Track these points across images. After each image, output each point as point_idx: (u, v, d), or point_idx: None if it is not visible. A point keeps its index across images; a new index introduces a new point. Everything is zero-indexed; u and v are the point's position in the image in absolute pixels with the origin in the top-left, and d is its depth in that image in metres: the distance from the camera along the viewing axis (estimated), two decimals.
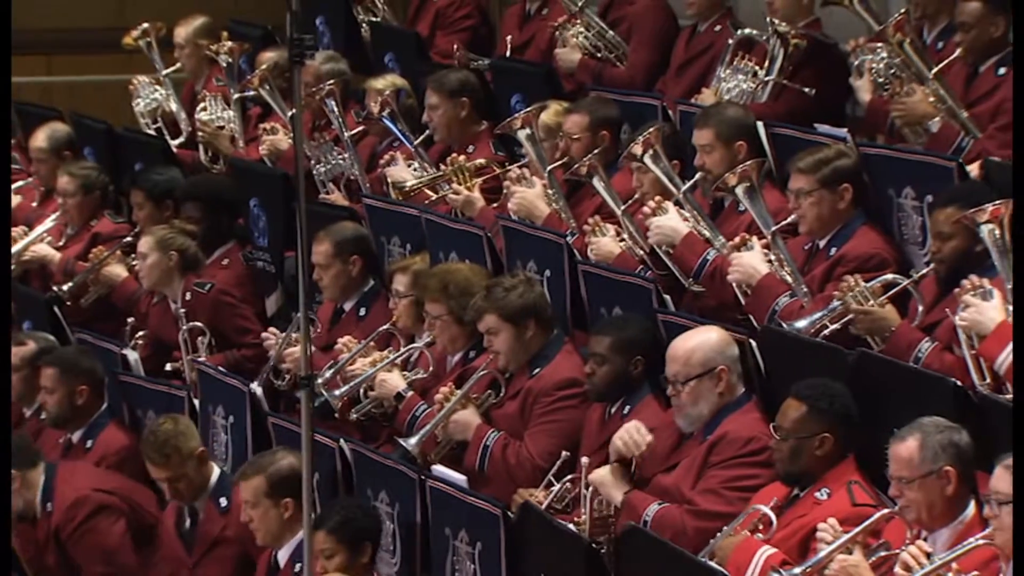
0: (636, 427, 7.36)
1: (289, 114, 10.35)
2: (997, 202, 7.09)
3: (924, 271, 7.52)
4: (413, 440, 7.98)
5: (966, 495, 6.35)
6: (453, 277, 8.36)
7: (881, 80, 8.75)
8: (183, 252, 9.54)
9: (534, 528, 7.11)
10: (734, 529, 6.83)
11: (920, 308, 7.48)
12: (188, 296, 9.54)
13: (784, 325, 7.53)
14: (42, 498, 8.52)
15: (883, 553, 6.42)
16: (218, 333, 9.43)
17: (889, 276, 7.52)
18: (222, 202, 9.77)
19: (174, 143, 11.09)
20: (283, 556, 7.75)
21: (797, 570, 6.39)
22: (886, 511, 6.47)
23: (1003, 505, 6.00)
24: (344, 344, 8.68)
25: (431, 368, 8.49)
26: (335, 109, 10.12)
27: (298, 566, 7.56)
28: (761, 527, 6.78)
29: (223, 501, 8.13)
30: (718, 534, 6.86)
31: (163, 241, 9.54)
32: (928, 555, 6.19)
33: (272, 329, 9.11)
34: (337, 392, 8.48)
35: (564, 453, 7.60)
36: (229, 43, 11.04)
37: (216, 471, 8.25)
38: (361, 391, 8.49)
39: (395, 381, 8.38)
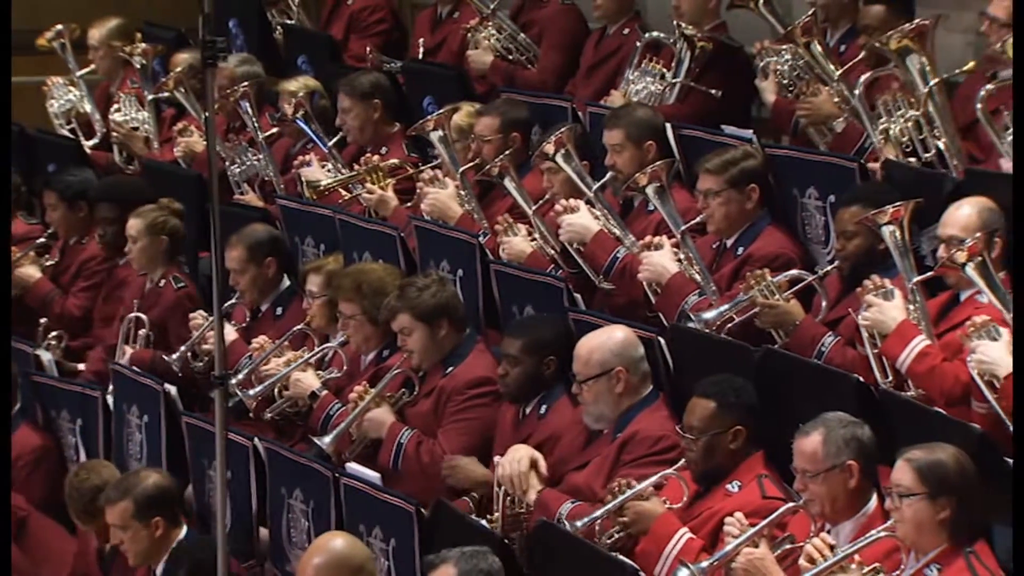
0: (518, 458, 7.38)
1: (203, 116, 10.35)
2: (897, 204, 7.24)
3: (828, 268, 7.67)
4: (328, 439, 8.03)
5: (868, 488, 6.45)
6: (367, 277, 8.40)
7: (785, 82, 8.91)
8: (173, 235, 9.45)
9: (447, 525, 7.14)
10: (645, 490, 6.90)
11: (824, 304, 7.62)
12: (161, 283, 9.47)
13: (692, 317, 7.65)
14: None
15: (788, 546, 6.50)
16: (163, 331, 9.36)
17: (794, 272, 7.67)
18: (136, 203, 9.69)
19: (88, 144, 11.08)
20: (160, 572, 7.71)
21: (705, 564, 6.47)
22: (791, 504, 6.58)
23: (904, 498, 6.14)
24: (259, 344, 8.71)
25: (345, 367, 8.52)
26: (249, 111, 10.14)
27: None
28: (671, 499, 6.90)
29: None
30: (628, 490, 6.91)
31: (153, 225, 9.44)
32: (831, 547, 6.30)
33: (201, 312, 9.10)
34: (252, 392, 8.50)
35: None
36: (143, 45, 11.04)
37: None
38: (276, 390, 8.50)
39: (309, 380, 8.41)
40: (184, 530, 7.71)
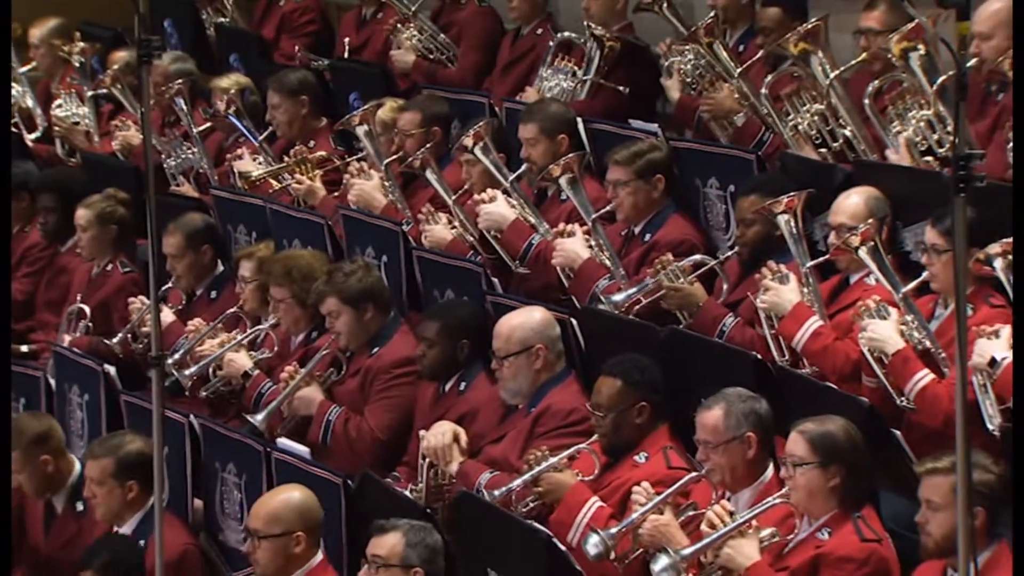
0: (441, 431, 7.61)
1: (139, 111, 10.41)
2: (791, 194, 7.49)
3: (728, 254, 7.92)
4: (260, 416, 8.20)
5: (765, 459, 6.66)
6: (296, 263, 8.57)
7: (688, 80, 9.14)
8: (122, 224, 9.58)
9: (373, 496, 7.31)
10: (559, 462, 7.09)
11: (725, 287, 7.86)
12: (109, 268, 9.59)
13: (602, 299, 7.87)
14: None
15: (691, 513, 6.68)
16: (108, 314, 9.47)
17: (697, 257, 7.90)
18: (76, 194, 9.85)
19: (30, 137, 11.17)
20: (125, 532, 7.82)
21: (613, 530, 6.64)
22: (694, 474, 6.77)
23: (797, 467, 6.35)
24: (195, 326, 8.84)
25: (276, 348, 8.68)
26: (184, 107, 10.27)
27: (141, 542, 7.67)
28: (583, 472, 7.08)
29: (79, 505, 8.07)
30: (543, 462, 7.11)
31: (102, 215, 9.56)
32: (731, 513, 6.49)
33: (141, 297, 9.20)
34: (188, 372, 8.64)
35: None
36: (81, 44, 11.13)
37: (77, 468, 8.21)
38: (210, 370, 8.65)
39: (242, 361, 8.56)
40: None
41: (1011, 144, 7.51)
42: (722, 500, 6.63)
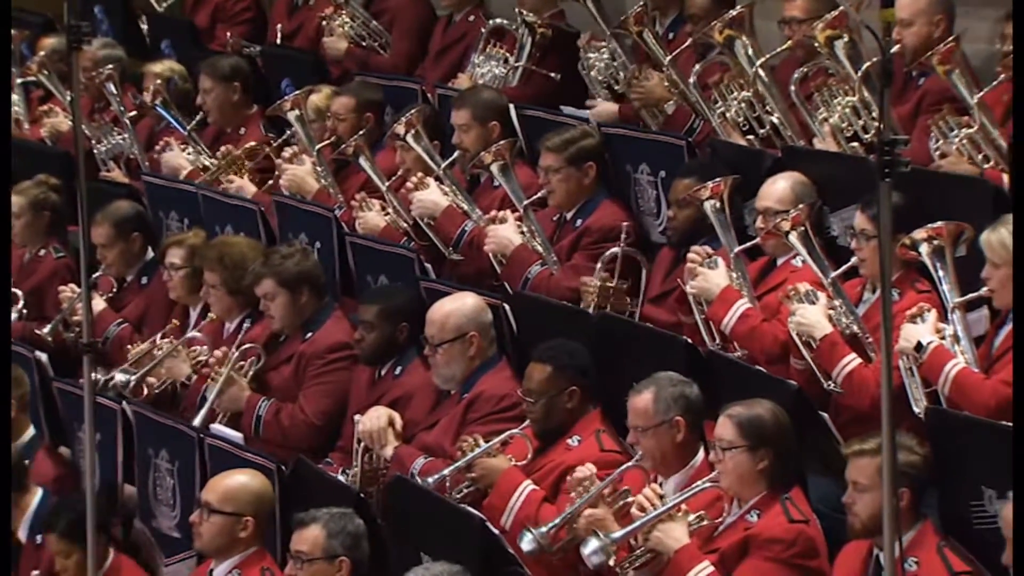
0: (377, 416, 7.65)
1: (67, 97, 10.45)
2: (717, 179, 7.58)
3: (614, 250, 7.98)
4: (197, 419, 8.18)
5: (695, 443, 6.72)
6: (230, 250, 8.59)
7: (601, 78, 9.22)
8: (54, 210, 9.54)
9: (307, 481, 7.35)
10: (492, 448, 7.15)
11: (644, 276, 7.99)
12: (41, 253, 9.56)
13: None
14: None
15: (627, 500, 6.66)
16: (41, 299, 9.44)
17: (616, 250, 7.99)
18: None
19: None
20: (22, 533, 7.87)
21: (544, 528, 6.69)
22: (629, 464, 6.76)
23: (726, 450, 6.41)
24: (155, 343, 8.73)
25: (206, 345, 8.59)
26: (114, 92, 10.26)
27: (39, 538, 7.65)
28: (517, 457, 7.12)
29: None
30: (476, 448, 7.16)
31: (35, 202, 9.53)
32: (661, 497, 6.56)
33: (72, 285, 9.20)
34: (132, 380, 8.54)
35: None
36: (11, 30, 11.01)
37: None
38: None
39: (181, 368, 8.55)
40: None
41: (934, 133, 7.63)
42: (652, 484, 6.67)
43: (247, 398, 8.21)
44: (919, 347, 6.68)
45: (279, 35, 10.90)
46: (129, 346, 8.77)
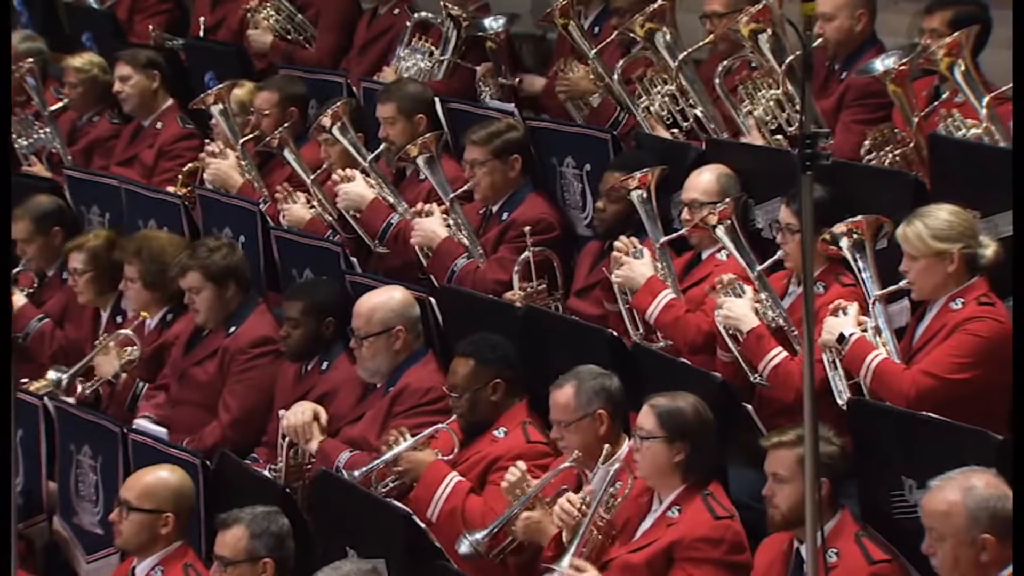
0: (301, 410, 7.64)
1: None
2: (644, 170, 7.62)
3: (525, 254, 7.99)
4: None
5: (619, 435, 6.75)
6: (150, 243, 8.57)
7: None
8: None
9: (232, 476, 7.35)
10: (420, 442, 7.15)
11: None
12: None
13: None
14: None
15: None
16: None
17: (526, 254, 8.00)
18: None
19: None
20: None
21: (480, 535, 6.71)
22: (565, 465, 6.73)
23: (644, 440, 6.44)
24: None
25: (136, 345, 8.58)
26: (35, 85, 10.21)
27: None
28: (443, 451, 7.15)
29: None
30: (403, 442, 7.16)
31: None
32: (583, 500, 6.49)
33: None
34: (64, 379, 8.54)
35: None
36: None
37: None
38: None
39: (109, 366, 8.53)
40: None
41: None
42: (569, 494, 6.64)
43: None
44: (841, 339, 6.73)
45: (202, 28, 10.87)
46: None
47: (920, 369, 6.55)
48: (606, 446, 6.70)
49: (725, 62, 8.22)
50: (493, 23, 9.35)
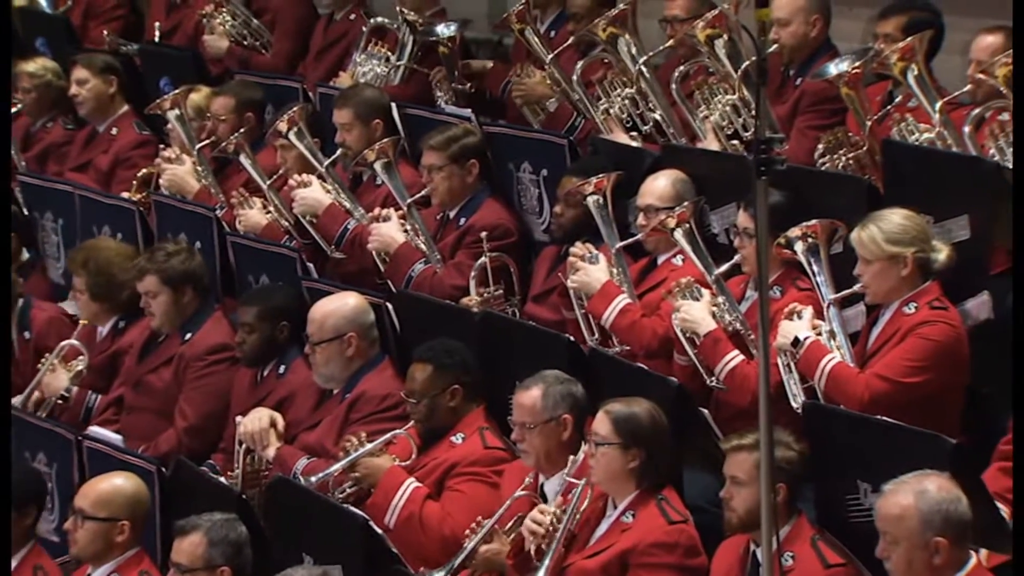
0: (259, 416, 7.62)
1: None
2: (600, 175, 7.65)
3: (482, 260, 8.01)
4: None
5: (578, 441, 6.72)
6: (97, 254, 8.55)
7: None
8: None
9: (188, 483, 7.32)
10: (376, 449, 7.15)
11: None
12: None
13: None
14: None
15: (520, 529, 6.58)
16: None
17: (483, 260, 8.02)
18: None
19: None
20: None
21: (441, 572, 6.66)
22: (519, 493, 6.71)
23: (600, 446, 6.44)
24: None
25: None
26: None
27: None
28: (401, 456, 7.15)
29: None
30: (360, 448, 7.16)
31: None
32: (554, 513, 6.46)
33: None
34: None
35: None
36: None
37: None
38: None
39: (58, 383, 8.49)
40: None
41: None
42: (541, 506, 6.62)
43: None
44: (796, 343, 6.75)
45: (157, 33, 10.86)
46: None
47: (873, 373, 6.59)
48: (571, 458, 6.70)
49: (682, 67, 8.26)
50: (445, 29, 9.37)
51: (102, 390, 8.55)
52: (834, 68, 7.51)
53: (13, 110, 10.31)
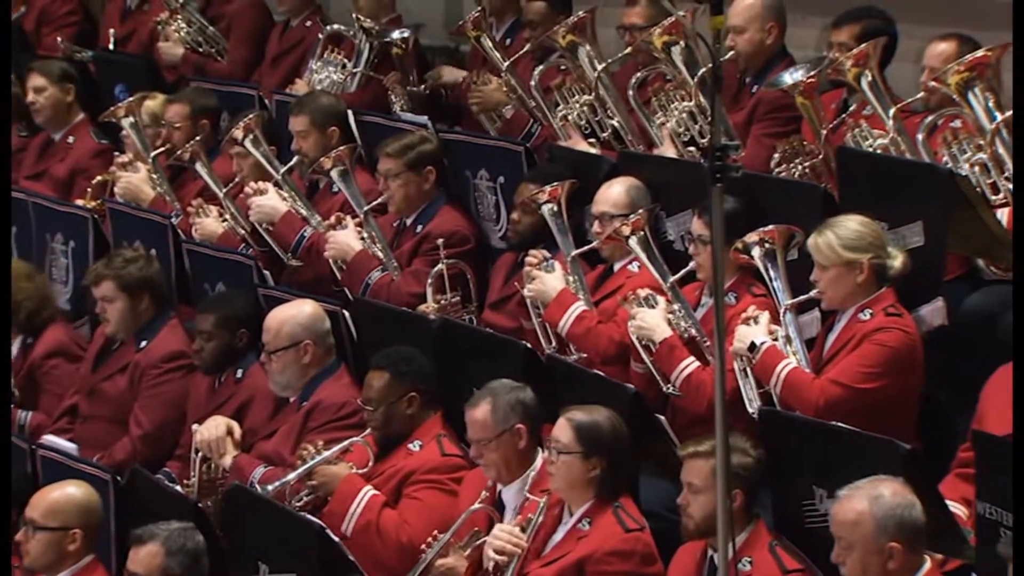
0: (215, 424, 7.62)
1: None
2: (555, 183, 7.66)
3: (439, 267, 7.96)
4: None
5: (534, 448, 6.75)
6: None
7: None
8: None
9: (143, 491, 7.31)
10: (334, 456, 7.14)
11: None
12: None
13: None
14: None
15: (477, 542, 6.62)
16: None
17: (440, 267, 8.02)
18: None
19: None
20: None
21: None
22: (473, 508, 6.67)
23: (560, 454, 6.43)
24: None
25: None
26: None
27: None
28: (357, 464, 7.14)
29: None
30: (317, 456, 7.15)
31: None
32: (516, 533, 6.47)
33: None
34: None
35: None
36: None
37: None
38: None
39: None
40: None
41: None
42: (501, 524, 6.62)
43: None
44: (752, 348, 6.78)
45: (111, 40, 10.82)
46: None
47: (829, 378, 6.61)
48: (530, 474, 6.71)
49: (639, 73, 8.28)
50: (397, 33, 9.37)
51: (32, 406, 8.53)
52: (789, 78, 7.55)
53: None
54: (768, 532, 6.23)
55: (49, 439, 7.94)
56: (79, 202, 9.48)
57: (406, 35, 9.34)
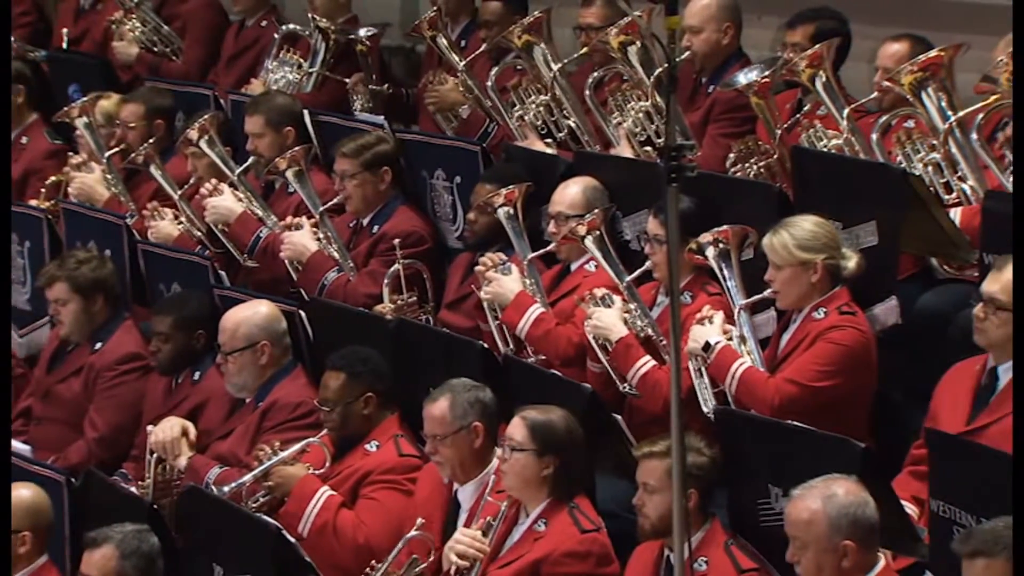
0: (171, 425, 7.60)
1: None
2: (511, 186, 7.67)
3: (395, 267, 8.00)
4: None
5: (491, 448, 6.73)
6: None
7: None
8: None
9: (98, 493, 7.26)
10: (290, 457, 7.13)
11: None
12: None
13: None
14: None
15: (416, 570, 6.62)
16: None
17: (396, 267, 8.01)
18: None
19: None
20: None
21: None
22: (413, 534, 6.64)
23: (514, 451, 6.45)
24: None
25: None
26: None
27: None
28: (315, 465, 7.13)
29: None
30: (273, 457, 7.13)
31: None
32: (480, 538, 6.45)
33: None
34: None
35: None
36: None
37: None
38: None
39: None
40: None
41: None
42: (464, 529, 6.60)
43: None
44: (707, 347, 6.79)
45: (65, 40, 10.79)
46: None
47: (783, 377, 6.64)
48: (491, 478, 6.71)
49: (596, 74, 8.29)
50: (364, 31, 9.36)
51: None
52: (743, 78, 7.58)
53: None
54: (724, 531, 6.24)
55: None
56: (33, 203, 9.44)
57: (372, 33, 9.34)
